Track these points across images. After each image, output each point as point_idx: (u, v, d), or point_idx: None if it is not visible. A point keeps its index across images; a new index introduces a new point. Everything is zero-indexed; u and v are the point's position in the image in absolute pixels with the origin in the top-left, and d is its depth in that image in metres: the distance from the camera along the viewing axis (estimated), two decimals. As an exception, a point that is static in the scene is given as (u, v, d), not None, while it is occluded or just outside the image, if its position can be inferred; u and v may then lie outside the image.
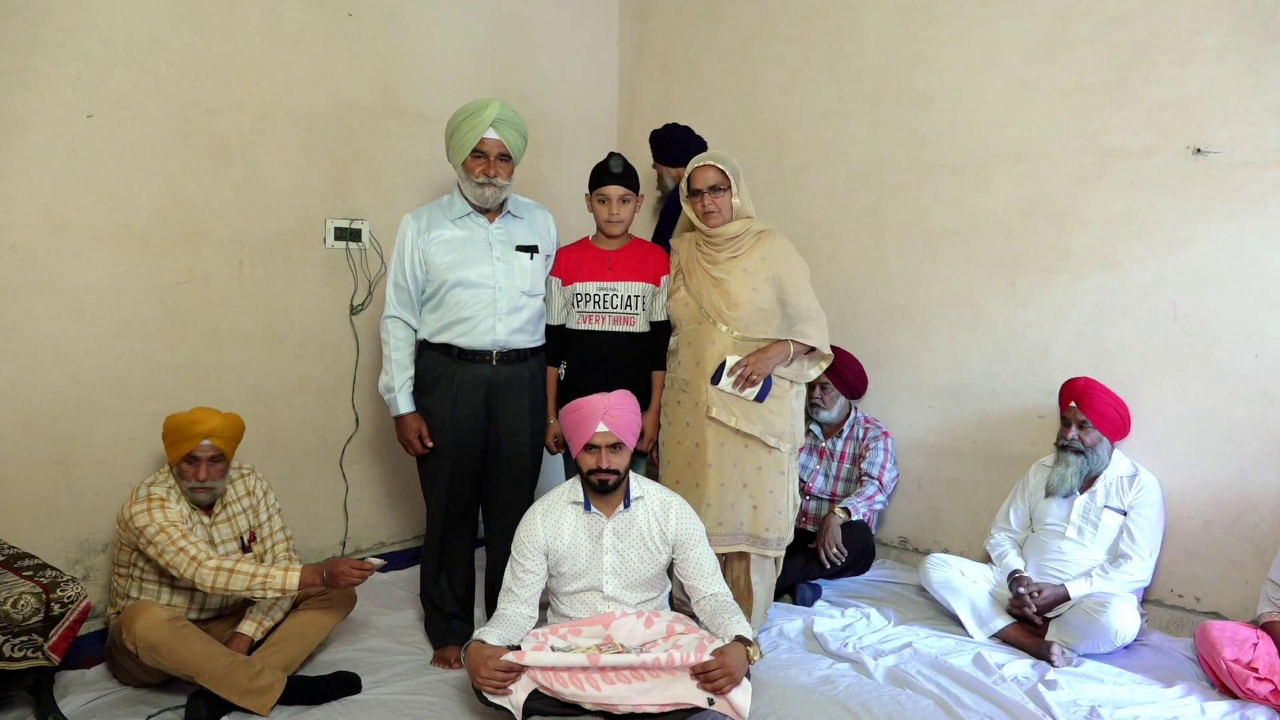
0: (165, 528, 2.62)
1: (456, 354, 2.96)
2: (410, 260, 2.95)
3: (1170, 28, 3.17)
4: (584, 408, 2.68)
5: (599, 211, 3.14)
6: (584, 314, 3.13)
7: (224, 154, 3.34)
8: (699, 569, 2.73)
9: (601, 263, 3.15)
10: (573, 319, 3.15)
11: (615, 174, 3.09)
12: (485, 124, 2.86)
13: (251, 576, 2.59)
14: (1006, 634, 3.15)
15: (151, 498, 2.68)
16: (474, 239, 2.97)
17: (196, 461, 2.72)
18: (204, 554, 2.60)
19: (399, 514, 4.02)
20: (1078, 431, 3.17)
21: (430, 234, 2.94)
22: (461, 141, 2.88)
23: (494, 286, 2.95)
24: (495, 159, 2.89)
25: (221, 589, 2.58)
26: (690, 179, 3.05)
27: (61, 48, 2.94)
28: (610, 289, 3.13)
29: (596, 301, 3.13)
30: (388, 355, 3.00)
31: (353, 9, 3.64)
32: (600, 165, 3.16)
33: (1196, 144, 3.14)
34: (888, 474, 3.69)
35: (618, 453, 2.67)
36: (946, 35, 3.67)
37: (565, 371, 3.19)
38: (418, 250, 2.95)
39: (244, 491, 2.92)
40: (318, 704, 2.65)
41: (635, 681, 2.40)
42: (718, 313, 3.00)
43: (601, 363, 3.13)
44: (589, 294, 3.13)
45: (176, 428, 2.73)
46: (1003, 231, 3.58)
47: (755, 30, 4.22)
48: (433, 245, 2.93)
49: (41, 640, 2.40)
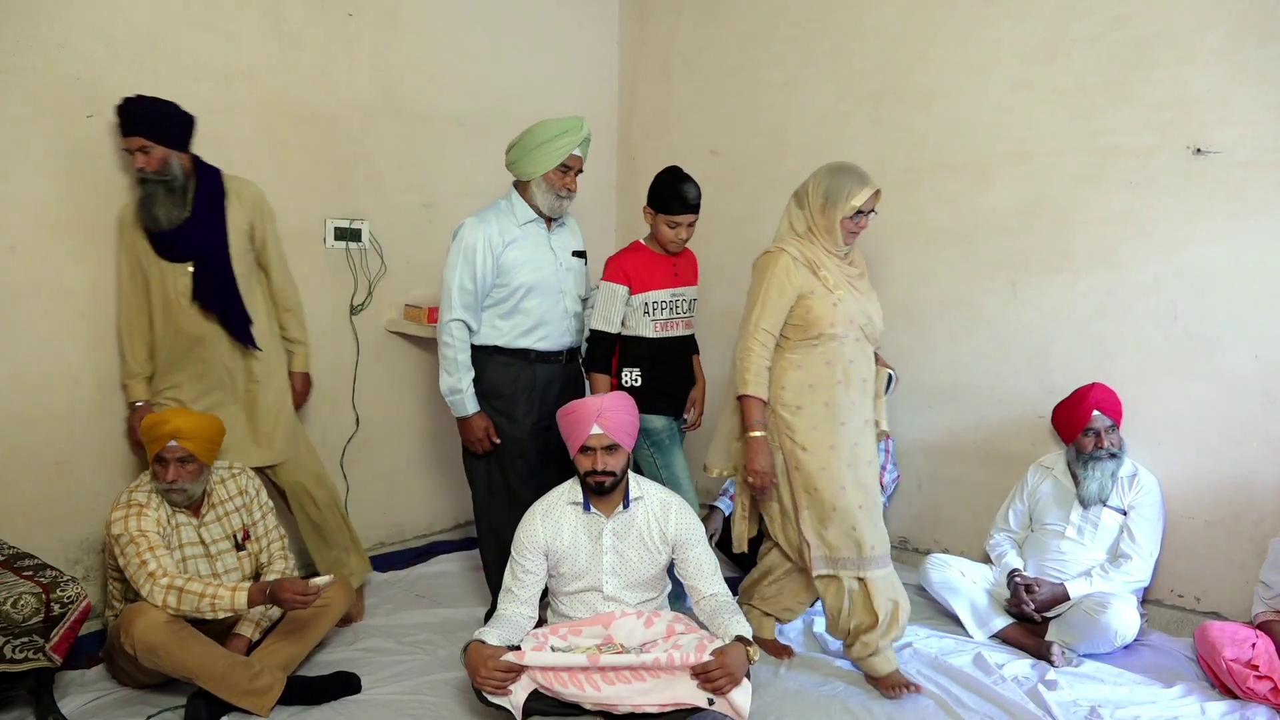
0: (136, 538, 2.61)
1: (534, 357, 3.10)
2: (482, 265, 3.00)
3: (1170, 28, 3.17)
4: (578, 410, 2.68)
5: (665, 232, 3.08)
6: (658, 321, 3.11)
7: (224, 154, 3.33)
8: (699, 569, 2.72)
9: (667, 269, 3.14)
10: (644, 327, 3.10)
11: (692, 204, 3.07)
12: (578, 142, 3.02)
13: (200, 597, 2.55)
14: (1006, 634, 3.15)
15: (131, 503, 2.68)
16: (540, 245, 3.10)
17: (165, 463, 2.69)
18: (161, 571, 2.58)
19: (399, 514, 4.02)
20: (1110, 436, 3.15)
21: (503, 240, 3.02)
22: (549, 155, 3.00)
23: (562, 290, 3.13)
24: (574, 174, 3.08)
25: (173, 608, 2.54)
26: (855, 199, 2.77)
27: (61, 47, 2.94)
28: (679, 295, 3.16)
29: (671, 308, 3.13)
30: (451, 358, 3.02)
31: (353, 9, 3.64)
32: (672, 189, 3.07)
33: (1196, 144, 3.14)
34: (888, 475, 3.69)
35: (614, 454, 2.66)
36: (946, 35, 3.67)
37: (641, 378, 3.11)
38: (490, 255, 3.00)
39: (235, 490, 2.90)
40: (317, 704, 2.65)
41: (635, 682, 2.40)
42: (871, 329, 2.88)
43: (676, 368, 3.18)
44: (663, 301, 3.12)
45: (147, 427, 2.74)
46: (1003, 231, 3.58)
47: (755, 30, 4.22)
48: (508, 251, 3.02)
49: (42, 641, 2.40)
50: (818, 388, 2.79)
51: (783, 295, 2.78)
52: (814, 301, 2.77)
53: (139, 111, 2.86)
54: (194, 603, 2.55)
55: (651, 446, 3.13)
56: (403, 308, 3.88)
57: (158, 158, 2.86)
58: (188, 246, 2.93)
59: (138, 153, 2.85)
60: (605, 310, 3.09)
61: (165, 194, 2.88)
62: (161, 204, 2.87)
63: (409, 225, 3.89)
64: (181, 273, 2.93)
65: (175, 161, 2.89)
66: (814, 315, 2.77)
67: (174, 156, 2.89)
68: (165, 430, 2.67)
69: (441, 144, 3.97)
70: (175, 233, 2.90)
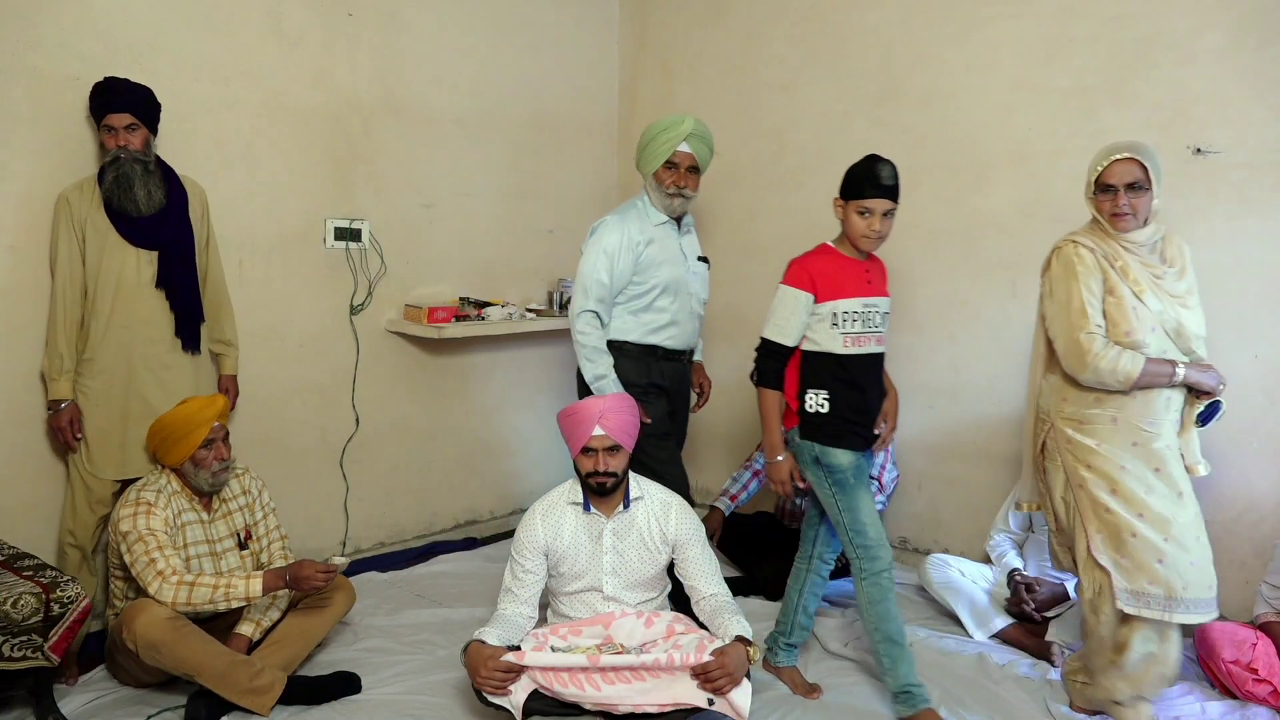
0: (144, 536, 2.61)
1: (660, 354, 3.13)
2: (620, 262, 3.04)
3: (1170, 28, 3.17)
4: (580, 412, 2.68)
5: (856, 224, 2.65)
6: (848, 335, 2.63)
7: (224, 154, 3.34)
8: (699, 569, 2.72)
9: (859, 275, 2.68)
10: (832, 341, 2.64)
11: (886, 186, 2.64)
12: (680, 138, 3.02)
13: (214, 588, 2.57)
14: (1006, 634, 3.15)
15: (140, 501, 2.68)
16: (672, 247, 3.14)
17: (213, 444, 2.74)
18: (170, 569, 2.58)
19: (399, 514, 4.02)
20: None
21: (642, 239, 3.07)
22: (656, 153, 3.05)
23: (691, 293, 3.18)
24: (685, 171, 3.05)
25: (184, 604, 2.55)
26: (1095, 171, 2.50)
27: (61, 47, 2.94)
28: (872, 305, 2.68)
29: (864, 320, 2.66)
30: (591, 345, 3.05)
31: (353, 9, 3.64)
32: (865, 171, 2.68)
33: (1196, 144, 3.14)
34: (887, 475, 3.69)
35: (615, 455, 2.66)
36: (946, 35, 3.67)
37: (827, 403, 2.64)
38: (628, 254, 3.05)
39: (239, 490, 2.92)
40: (318, 704, 2.65)
41: (635, 682, 2.40)
42: (1185, 342, 2.48)
43: (867, 391, 2.69)
44: (854, 312, 2.64)
45: (181, 420, 2.72)
46: (1002, 231, 3.58)
47: (755, 30, 4.22)
48: (647, 250, 3.07)
49: (41, 640, 2.40)
50: (1105, 400, 2.46)
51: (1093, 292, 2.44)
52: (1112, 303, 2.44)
53: (126, 89, 2.84)
54: (207, 594, 2.56)
55: (834, 486, 2.65)
56: (403, 308, 3.88)
57: (142, 137, 2.85)
58: (158, 233, 2.88)
59: (123, 131, 2.81)
60: (782, 319, 2.65)
61: (144, 175, 2.84)
62: (141, 185, 2.83)
63: (409, 225, 3.89)
64: (147, 260, 2.88)
65: (152, 144, 2.88)
66: (1111, 318, 2.44)
67: (151, 140, 2.88)
68: (211, 413, 2.74)
69: (441, 144, 3.97)
70: (150, 218, 2.86)
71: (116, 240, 2.86)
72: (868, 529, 2.62)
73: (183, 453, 2.73)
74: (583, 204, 4.58)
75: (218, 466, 2.76)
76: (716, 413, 4.44)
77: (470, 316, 3.92)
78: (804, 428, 2.65)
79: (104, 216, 2.85)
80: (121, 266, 2.87)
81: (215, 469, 2.75)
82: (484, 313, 3.96)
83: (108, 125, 2.83)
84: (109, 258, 2.86)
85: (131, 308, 2.89)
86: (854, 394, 2.64)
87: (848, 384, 2.64)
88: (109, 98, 2.82)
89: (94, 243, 2.86)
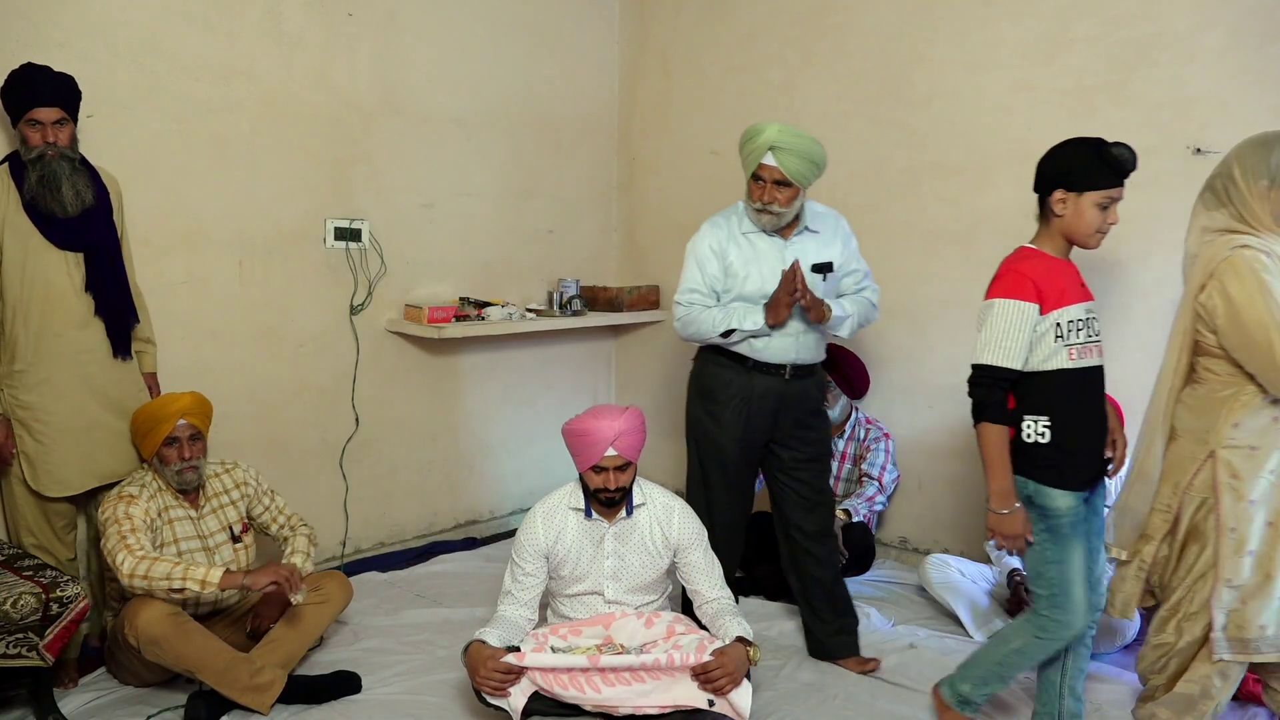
0: (120, 519, 2.61)
1: (751, 365, 2.89)
2: (708, 266, 2.88)
3: (1170, 28, 3.17)
4: (594, 434, 2.59)
5: (1092, 219, 2.28)
6: (1073, 347, 2.29)
7: (224, 154, 3.34)
8: (701, 573, 2.71)
9: (1075, 278, 2.35)
10: (1057, 356, 2.27)
11: (1131, 170, 2.29)
12: (762, 150, 2.74)
13: (174, 564, 2.53)
14: (1006, 634, 3.15)
15: (122, 494, 2.69)
16: (768, 255, 2.87)
17: (177, 442, 2.72)
18: (138, 545, 2.56)
19: (399, 514, 4.02)
20: None
21: (727, 244, 2.88)
22: (744, 163, 2.82)
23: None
24: (771, 185, 2.77)
25: (142, 576, 2.48)
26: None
27: (61, 47, 2.93)
28: (1092, 311, 2.34)
29: (1088, 329, 2.32)
30: (692, 317, 2.87)
31: (353, 9, 3.64)
32: (1107, 156, 2.26)
33: (1196, 144, 3.14)
34: (888, 475, 3.69)
35: (625, 471, 2.63)
36: (946, 35, 3.67)
37: (1049, 431, 2.27)
38: (714, 259, 2.88)
39: (231, 484, 2.92)
40: (318, 703, 2.66)
41: (635, 683, 2.40)
42: None
43: (1094, 411, 2.35)
44: (1079, 320, 2.30)
45: (148, 415, 2.74)
46: (1003, 231, 3.57)
47: (755, 30, 4.22)
48: (729, 257, 2.87)
49: (37, 639, 2.39)
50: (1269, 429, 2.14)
51: None
52: None
53: (54, 80, 2.63)
54: (166, 569, 2.51)
55: (1045, 532, 2.28)
56: (403, 308, 3.88)
57: (69, 132, 2.65)
58: (86, 235, 2.69)
59: (50, 127, 2.61)
60: (1004, 337, 2.26)
61: (72, 173, 2.65)
62: (69, 184, 2.63)
63: (409, 225, 3.89)
64: (75, 262, 2.69)
65: (76, 138, 2.70)
66: None
67: (75, 133, 2.69)
68: (175, 409, 2.72)
69: (441, 144, 3.97)
70: (76, 219, 2.67)
71: (40, 243, 2.64)
72: (1073, 591, 2.27)
73: (149, 448, 2.75)
74: (583, 204, 4.59)
75: (179, 465, 2.73)
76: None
77: (470, 316, 3.92)
78: (1018, 461, 2.28)
79: (25, 218, 2.63)
80: (49, 271, 2.66)
81: (177, 467, 2.73)
82: (484, 313, 3.96)
83: (33, 120, 2.60)
84: (34, 263, 2.64)
85: (63, 315, 2.69)
86: (1081, 417, 2.30)
87: (1074, 404, 2.29)
88: (34, 89, 2.59)
89: (14, 246, 2.63)
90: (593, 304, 4.44)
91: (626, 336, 4.78)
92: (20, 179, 2.65)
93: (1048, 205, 2.31)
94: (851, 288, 3.01)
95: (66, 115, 2.66)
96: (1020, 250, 2.38)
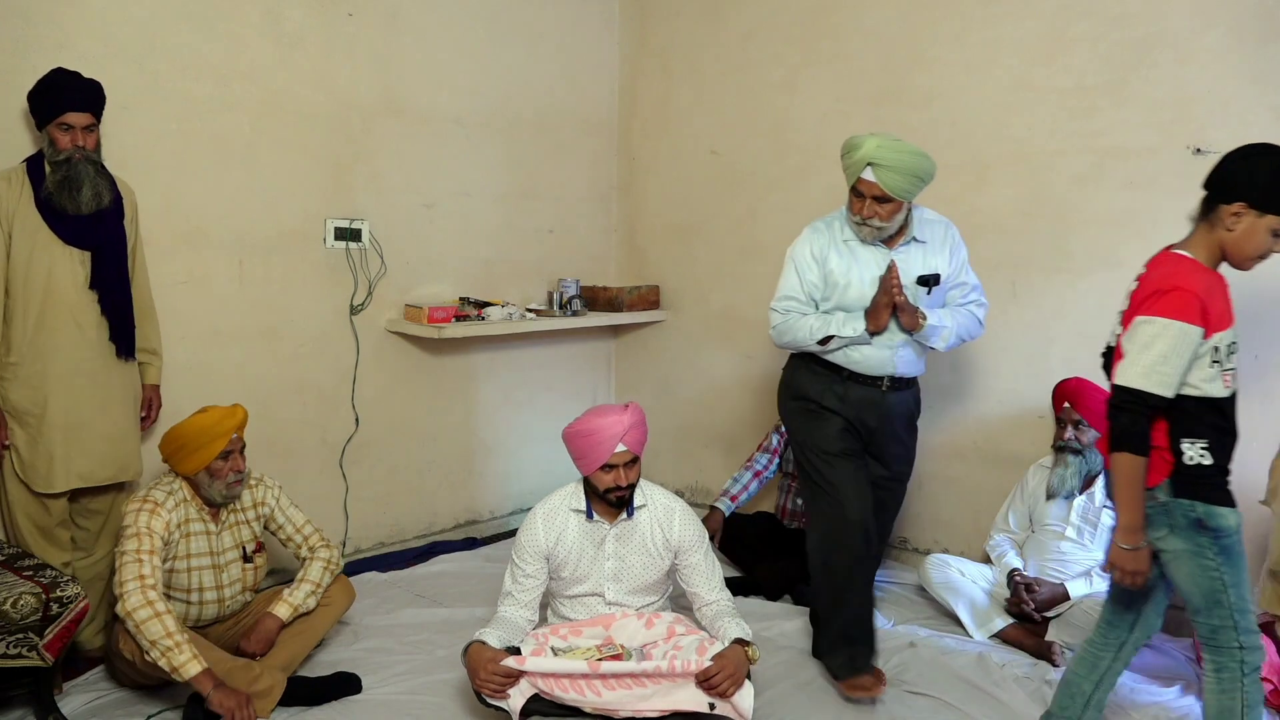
0: (141, 533, 2.57)
1: (846, 375, 2.82)
2: (808, 273, 2.82)
3: (1170, 28, 3.17)
4: (601, 432, 2.59)
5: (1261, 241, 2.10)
6: (1228, 372, 2.14)
7: (224, 154, 3.34)
8: (701, 575, 2.71)
9: (1228, 297, 2.17)
10: (1212, 383, 2.11)
11: None
12: (860, 165, 2.65)
13: (165, 635, 2.43)
14: (1006, 634, 3.15)
15: (148, 499, 2.66)
16: (869, 265, 2.78)
17: (231, 455, 2.70)
18: (152, 581, 2.51)
19: (399, 514, 4.02)
20: (1074, 431, 3.17)
21: (828, 251, 2.81)
22: (845, 174, 2.74)
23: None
24: (871, 200, 2.68)
25: (135, 623, 2.44)
26: None
27: (61, 48, 2.93)
28: (1237, 334, 2.17)
29: (1237, 354, 2.17)
30: (789, 324, 2.80)
31: (353, 9, 3.64)
32: None
33: (1196, 144, 3.14)
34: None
35: (633, 466, 2.64)
36: (946, 35, 3.67)
37: (1209, 452, 2.14)
38: (814, 266, 2.81)
39: (250, 503, 2.87)
40: (318, 704, 2.66)
41: (635, 688, 2.39)
42: None
43: (1236, 438, 2.21)
44: (1233, 344, 2.15)
45: (200, 430, 2.66)
46: (1002, 231, 3.58)
47: (755, 30, 4.22)
48: (828, 264, 2.80)
49: (37, 639, 2.39)
50: None
51: None
52: None
53: (87, 86, 2.70)
54: (156, 635, 2.43)
55: (1219, 554, 2.12)
56: (403, 308, 3.88)
57: (96, 137, 2.74)
58: (94, 233, 2.75)
59: (80, 131, 2.69)
60: (1163, 364, 2.05)
61: (94, 175, 2.71)
62: (90, 185, 2.69)
63: (409, 225, 3.89)
64: (80, 260, 2.74)
65: (100, 144, 2.78)
66: None
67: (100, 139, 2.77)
68: (232, 424, 2.70)
69: (441, 144, 3.97)
70: (86, 218, 2.72)
71: (48, 238, 2.70)
72: (1250, 610, 2.12)
73: (198, 463, 2.67)
74: (583, 204, 4.59)
75: (233, 478, 2.72)
76: (716, 413, 4.44)
77: (470, 316, 3.92)
78: (1180, 483, 2.11)
79: (35, 213, 2.68)
80: (53, 266, 2.70)
81: (230, 480, 2.71)
82: (484, 313, 3.97)
83: (64, 124, 2.67)
84: (39, 256, 2.69)
85: (63, 310, 2.72)
86: (1230, 443, 2.17)
87: (1225, 432, 2.15)
88: (67, 94, 2.67)
89: (22, 239, 2.68)
90: (593, 304, 4.44)
91: (626, 336, 4.78)
92: (37, 177, 2.70)
93: (1218, 213, 2.11)
94: (957, 300, 2.90)
95: (95, 121, 2.74)
96: (1178, 259, 2.15)
